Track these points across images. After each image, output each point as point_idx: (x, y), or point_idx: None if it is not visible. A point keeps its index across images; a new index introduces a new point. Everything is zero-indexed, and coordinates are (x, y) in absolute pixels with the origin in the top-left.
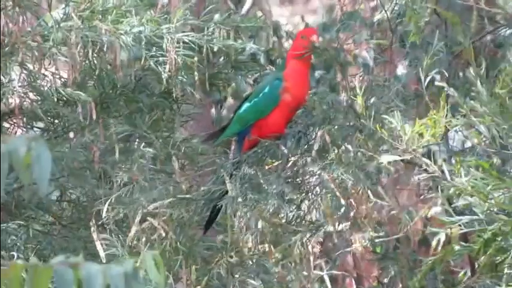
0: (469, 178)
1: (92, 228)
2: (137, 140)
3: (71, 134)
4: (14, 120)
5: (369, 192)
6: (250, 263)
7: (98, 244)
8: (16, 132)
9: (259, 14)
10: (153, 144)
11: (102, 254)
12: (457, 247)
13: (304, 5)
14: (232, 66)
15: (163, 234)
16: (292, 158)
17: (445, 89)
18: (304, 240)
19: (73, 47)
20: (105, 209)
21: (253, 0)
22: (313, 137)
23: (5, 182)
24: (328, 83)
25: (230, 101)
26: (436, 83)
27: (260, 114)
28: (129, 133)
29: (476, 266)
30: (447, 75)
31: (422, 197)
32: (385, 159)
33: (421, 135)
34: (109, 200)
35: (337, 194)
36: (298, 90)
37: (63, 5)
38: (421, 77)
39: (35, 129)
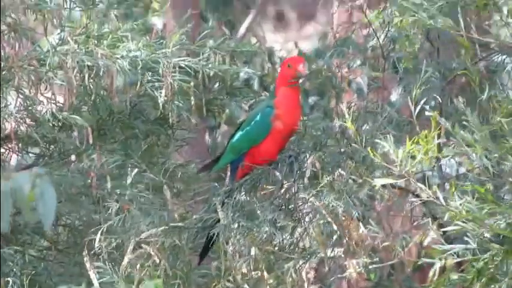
0: (463, 202)
1: (85, 258)
2: (129, 167)
3: (68, 160)
4: (9, 146)
5: (360, 219)
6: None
7: (91, 274)
8: (11, 157)
9: (254, 40)
10: (146, 172)
11: (96, 283)
12: (453, 276)
13: (298, 31)
14: (227, 92)
15: (157, 261)
16: (285, 185)
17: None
18: (297, 267)
19: (69, 71)
20: (97, 239)
21: (247, 26)
22: (305, 164)
23: (8, 219)
24: (323, 109)
25: (224, 127)
26: (426, 113)
27: (253, 142)
28: (121, 162)
29: None
30: (440, 102)
31: (415, 223)
32: (378, 182)
33: (413, 157)
34: (101, 230)
35: (329, 219)
36: (290, 117)
37: (59, 30)
38: (411, 106)
39: (31, 154)
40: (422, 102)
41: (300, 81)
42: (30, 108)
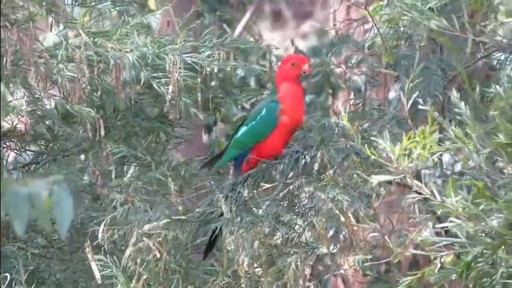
0: (459, 198)
1: (87, 249)
2: (129, 162)
3: (70, 157)
4: (7, 143)
5: (361, 214)
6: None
7: (93, 265)
8: (9, 155)
9: (251, 38)
10: (151, 165)
11: (97, 275)
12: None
13: (294, 29)
14: (227, 89)
15: (158, 255)
16: (289, 179)
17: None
18: (299, 263)
19: (80, 64)
20: (100, 231)
21: (244, 25)
22: (310, 158)
23: (25, 224)
24: (319, 106)
25: (221, 124)
26: (420, 107)
27: (259, 137)
28: (124, 154)
29: None
30: (442, 99)
31: (412, 219)
32: (376, 179)
33: (410, 155)
34: (104, 221)
35: (337, 212)
36: (295, 111)
37: (62, 26)
38: (403, 99)
39: (29, 152)
40: (414, 97)
41: (303, 79)
42: (39, 103)
